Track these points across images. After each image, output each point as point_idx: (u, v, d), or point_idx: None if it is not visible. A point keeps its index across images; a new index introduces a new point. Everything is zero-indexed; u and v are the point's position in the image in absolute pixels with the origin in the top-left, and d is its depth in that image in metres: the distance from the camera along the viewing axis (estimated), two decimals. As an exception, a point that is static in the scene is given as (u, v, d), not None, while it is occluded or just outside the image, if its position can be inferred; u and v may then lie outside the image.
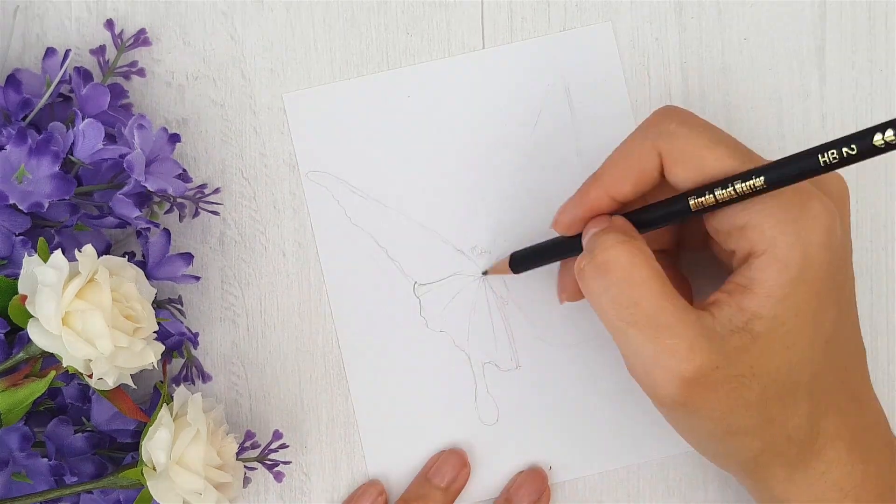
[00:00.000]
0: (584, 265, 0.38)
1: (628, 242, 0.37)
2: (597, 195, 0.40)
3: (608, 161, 0.40)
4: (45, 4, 0.47)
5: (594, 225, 0.40)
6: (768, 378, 0.37)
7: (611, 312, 0.37)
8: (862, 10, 0.48)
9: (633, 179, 0.39)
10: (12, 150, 0.39)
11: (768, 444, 0.38)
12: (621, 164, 0.39)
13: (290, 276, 0.47)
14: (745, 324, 0.37)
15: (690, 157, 0.38)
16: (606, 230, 0.38)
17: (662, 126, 0.39)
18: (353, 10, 0.47)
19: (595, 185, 0.40)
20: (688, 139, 0.38)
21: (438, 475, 0.45)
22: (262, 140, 0.47)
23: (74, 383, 0.42)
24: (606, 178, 0.40)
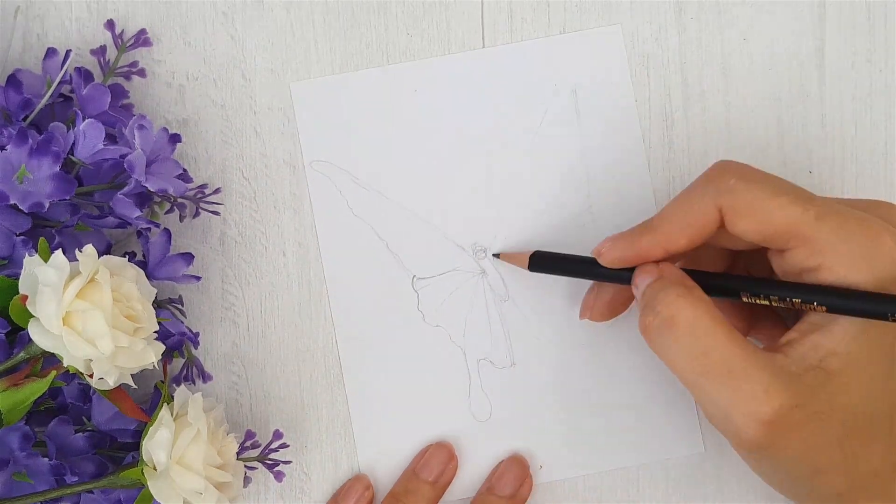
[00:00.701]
0: (650, 322, 0.38)
1: (689, 295, 0.38)
2: (649, 245, 0.40)
3: (665, 213, 0.40)
4: (46, 5, 0.47)
5: (646, 273, 0.40)
6: (847, 413, 0.37)
7: (682, 365, 0.38)
8: (862, 11, 0.48)
9: (690, 234, 0.39)
10: (13, 150, 0.39)
11: (854, 480, 0.38)
12: (679, 219, 0.40)
13: (290, 276, 0.47)
14: (819, 361, 0.37)
15: (754, 210, 0.38)
16: (664, 283, 0.39)
17: (722, 182, 0.39)
18: (354, 10, 0.47)
19: (649, 235, 0.40)
20: (749, 192, 0.38)
21: (426, 469, 0.46)
22: (262, 140, 0.47)
23: (75, 383, 0.42)
24: (662, 230, 0.40)
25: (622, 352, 0.47)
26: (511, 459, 0.46)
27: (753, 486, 0.47)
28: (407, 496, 0.45)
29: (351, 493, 0.46)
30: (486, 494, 0.46)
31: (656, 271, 0.40)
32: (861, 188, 0.48)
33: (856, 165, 0.48)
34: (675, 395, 0.47)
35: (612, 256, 0.41)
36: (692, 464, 0.47)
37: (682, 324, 0.37)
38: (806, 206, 0.37)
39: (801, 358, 0.37)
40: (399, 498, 0.45)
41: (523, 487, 0.46)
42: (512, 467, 0.46)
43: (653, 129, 0.47)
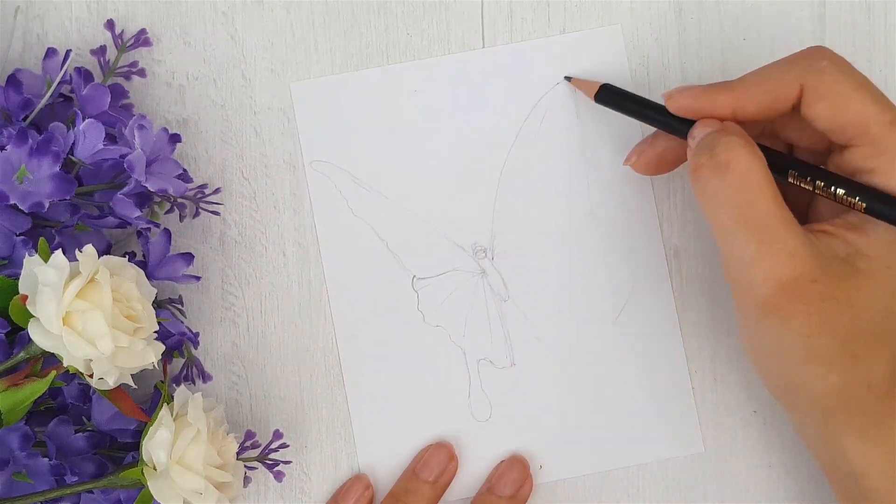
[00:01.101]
0: (704, 162, 0.39)
1: (750, 146, 0.38)
2: (723, 102, 0.40)
3: (747, 77, 0.40)
4: (46, 5, 0.47)
5: (708, 125, 0.40)
6: (862, 313, 0.37)
7: (723, 210, 0.38)
8: (862, 10, 0.48)
9: (766, 101, 0.40)
10: (13, 150, 0.39)
11: (847, 383, 0.38)
12: (760, 85, 0.40)
13: (290, 277, 0.47)
14: (847, 255, 0.38)
15: (836, 96, 0.39)
16: (727, 132, 0.39)
17: (812, 61, 0.39)
18: (354, 10, 0.47)
19: (725, 93, 0.40)
20: (835, 78, 0.39)
21: (426, 469, 0.46)
22: (262, 140, 0.47)
23: (75, 383, 0.42)
24: (740, 91, 0.40)
25: (622, 351, 0.47)
26: (511, 460, 0.46)
27: (753, 485, 0.47)
28: (407, 496, 0.45)
29: (351, 493, 0.46)
30: (486, 494, 0.46)
31: (719, 124, 0.40)
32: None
33: (856, 165, 0.48)
34: (676, 395, 0.47)
35: (681, 103, 0.41)
36: (692, 464, 0.47)
37: (736, 169, 0.38)
38: (885, 108, 0.38)
39: (832, 247, 0.38)
40: (399, 498, 0.45)
41: (524, 488, 0.46)
42: (512, 467, 0.46)
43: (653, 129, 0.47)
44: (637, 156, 0.44)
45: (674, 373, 0.47)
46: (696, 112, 0.41)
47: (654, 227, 0.47)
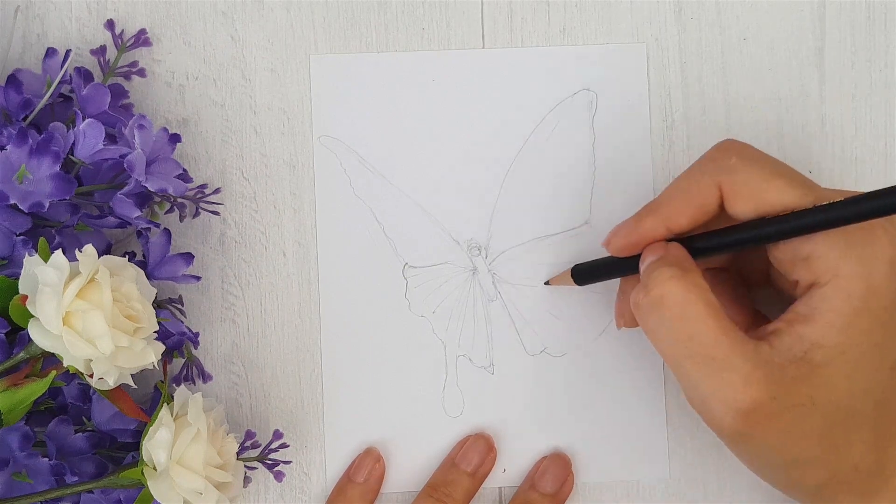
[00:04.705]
0: (640, 300, 0.38)
1: (682, 277, 0.37)
2: (653, 225, 0.40)
3: (666, 193, 0.40)
4: (46, 5, 0.47)
5: (651, 252, 0.40)
6: (830, 407, 0.37)
7: (667, 346, 0.38)
8: (862, 11, 0.48)
9: (691, 213, 0.39)
10: (13, 150, 0.39)
11: (834, 473, 0.38)
12: (680, 198, 0.39)
13: (290, 277, 0.47)
14: (804, 353, 0.37)
15: (751, 191, 0.38)
16: (661, 262, 0.38)
17: (722, 161, 0.39)
18: (353, 10, 0.47)
19: (651, 216, 0.40)
20: (748, 173, 0.38)
21: (465, 460, 0.46)
22: (262, 140, 0.47)
23: (75, 383, 0.42)
24: (664, 209, 0.40)
25: (601, 367, 0.47)
26: (553, 456, 0.46)
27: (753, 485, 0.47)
28: (446, 486, 0.45)
29: (362, 467, 0.46)
30: (528, 491, 0.46)
31: (661, 249, 0.40)
32: (861, 188, 0.48)
33: (856, 165, 0.48)
34: (648, 417, 0.47)
35: (619, 244, 0.41)
36: (656, 488, 0.47)
37: (671, 305, 0.37)
38: (805, 191, 0.37)
39: (786, 349, 0.37)
40: (438, 488, 0.45)
41: (565, 485, 0.46)
42: (554, 464, 0.46)
43: (653, 129, 0.47)
44: (620, 316, 0.44)
45: (649, 396, 0.47)
46: (637, 245, 0.40)
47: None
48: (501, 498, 0.47)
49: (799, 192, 0.37)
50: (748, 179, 0.38)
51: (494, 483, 0.47)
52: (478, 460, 0.46)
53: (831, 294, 0.37)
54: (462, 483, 0.45)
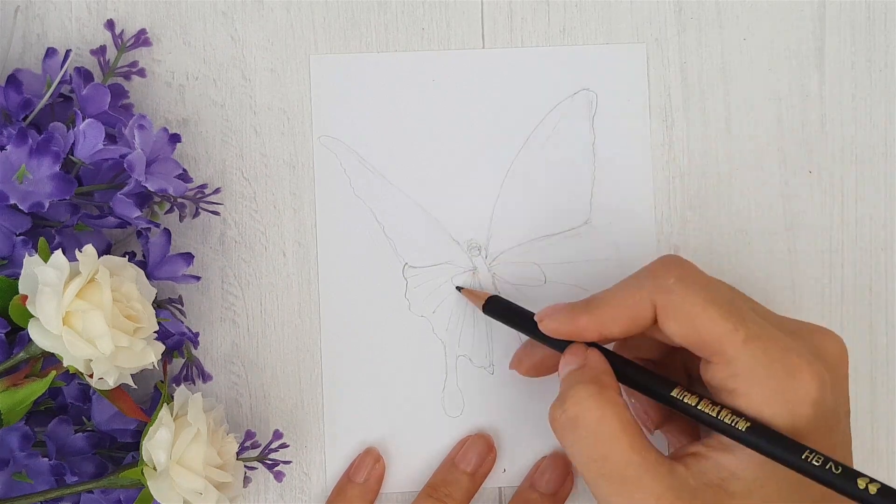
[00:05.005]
0: (557, 416, 0.38)
1: (597, 396, 0.38)
2: (586, 325, 0.40)
3: (604, 296, 0.40)
4: (46, 5, 0.47)
5: (572, 358, 0.40)
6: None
7: (581, 464, 0.38)
8: (862, 11, 0.48)
9: (625, 323, 0.39)
10: (13, 150, 0.39)
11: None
12: (616, 306, 0.39)
13: (290, 277, 0.47)
14: (721, 481, 0.37)
15: (684, 316, 0.38)
16: (580, 376, 0.39)
17: (660, 279, 0.39)
18: (353, 10, 0.47)
19: (586, 316, 0.40)
20: (683, 297, 0.38)
21: (465, 461, 0.46)
22: (262, 140, 0.47)
23: (75, 383, 0.42)
24: (599, 314, 0.40)
25: None
26: (553, 456, 0.46)
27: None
28: (445, 486, 0.45)
29: (362, 467, 0.46)
30: (527, 491, 0.46)
31: (582, 358, 0.40)
32: (861, 188, 0.48)
33: (856, 165, 0.48)
34: None
35: (551, 327, 0.41)
36: None
37: (585, 425, 0.37)
38: (737, 325, 0.37)
39: (703, 473, 0.37)
40: (437, 488, 0.45)
41: (565, 485, 0.46)
42: (554, 464, 0.46)
43: (653, 129, 0.47)
44: (518, 362, 0.44)
45: None
46: (567, 335, 0.41)
47: (650, 242, 0.47)
48: (501, 498, 0.47)
49: (730, 326, 0.37)
50: (682, 304, 0.38)
51: (494, 483, 0.47)
52: (477, 460, 0.46)
53: None
54: (462, 483, 0.45)
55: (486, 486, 0.47)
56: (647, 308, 0.39)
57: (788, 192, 0.48)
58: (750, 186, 0.48)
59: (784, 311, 0.47)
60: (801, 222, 0.48)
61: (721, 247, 0.48)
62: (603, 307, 0.40)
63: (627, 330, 0.39)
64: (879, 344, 0.48)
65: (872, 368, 0.48)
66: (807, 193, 0.48)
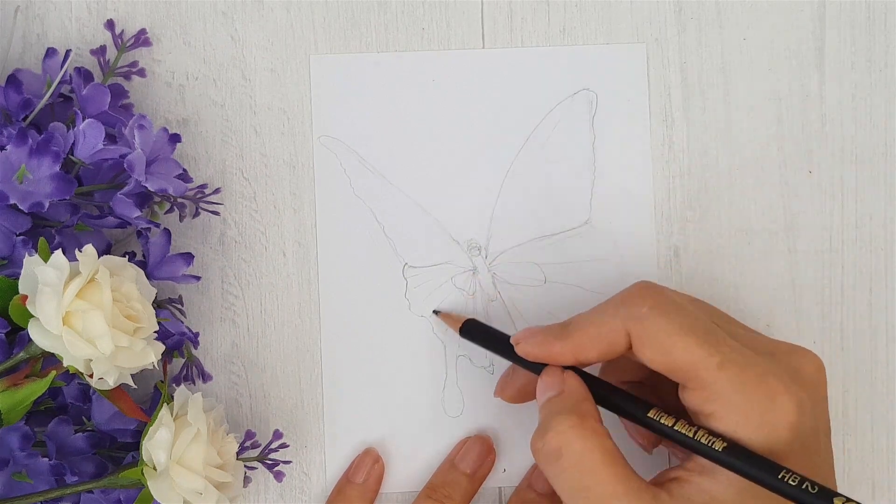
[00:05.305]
0: (539, 448, 0.38)
1: (579, 426, 0.38)
2: (561, 351, 0.40)
3: (578, 322, 0.40)
4: (46, 5, 0.47)
5: (549, 384, 0.40)
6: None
7: (564, 493, 0.38)
8: (862, 10, 0.48)
9: (599, 350, 0.39)
10: (13, 150, 0.39)
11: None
12: (590, 332, 0.40)
13: (290, 277, 0.47)
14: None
15: (658, 344, 0.38)
16: (560, 405, 0.39)
17: (634, 307, 0.39)
18: (353, 10, 0.47)
19: (561, 342, 0.40)
20: (657, 325, 0.38)
21: (464, 462, 0.46)
22: (262, 140, 0.47)
23: (75, 383, 0.42)
24: (574, 339, 0.40)
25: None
26: None
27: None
28: (445, 487, 0.45)
29: (361, 468, 0.46)
30: (526, 490, 0.46)
31: (560, 383, 0.40)
32: (861, 188, 0.48)
33: (856, 165, 0.48)
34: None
35: (527, 350, 0.41)
36: None
37: (567, 457, 0.37)
38: (711, 351, 0.37)
39: (685, 498, 0.37)
40: (437, 489, 0.45)
41: None
42: None
43: (653, 129, 0.47)
44: (501, 389, 0.44)
45: None
46: (542, 359, 0.41)
47: (650, 242, 0.47)
48: (501, 498, 0.47)
49: (704, 353, 0.37)
50: (657, 333, 0.38)
51: (494, 483, 0.47)
52: (477, 462, 0.46)
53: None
54: (461, 484, 0.45)
55: (485, 485, 0.47)
56: (621, 336, 0.39)
57: (788, 192, 0.48)
58: (750, 186, 0.48)
59: (784, 311, 0.47)
60: (801, 222, 0.48)
61: (721, 247, 0.48)
62: (577, 334, 0.40)
63: (602, 356, 0.39)
64: (879, 344, 0.48)
65: (872, 368, 0.48)
66: (807, 193, 0.48)
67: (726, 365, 0.37)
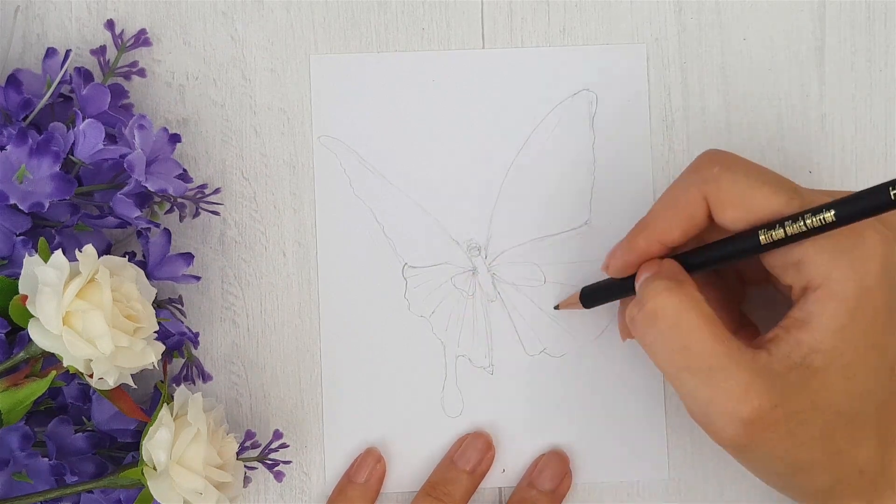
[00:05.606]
0: (635, 314, 0.38)
1: (675, 289, 0.38)
2: (646, 242, 0.40)
3: (655, 209, 0.40)
4: (46, 4, 0.47)
5: (645, 269, 0.40)
6: (831, 411, 0.37)
7: (663, 359, 0.38)
8: (861, 11, 0.48)
9: (681, 226, 0.39)
10: (13, 150, 0.39)
11: (839, 477, 0.38)
12: (668, 212, 0.40)
13: (290, 277, 0.47)
14: (802, 358, 0.37)
15: (738, 200, 0.38)
16: (654, 277, 0.39)
17: (705, 172, 0.39)
18: (353, 10, 0.47)
19: (644, 233, 0.40)
20: (733, 182, 0.38)
21: (463, 459, 0.46)
22: (262, 140, 0.47)
23: (75, 383, 0.42)
24: (654, 225, 0.40)
25: (600, 370, 0.47)
26: (551, 454, 0.46)
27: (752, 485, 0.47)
28: (445, 485, 0.45)
29: (363, 467, 0.46)
30: (526, 489, 0.46)
31: (655, 266, 0.40)
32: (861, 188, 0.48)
33: (856, 165, 0.48)
34: (647, 418, 0.47)
35: (616, 265, 0.41)
36: (656, 489, 0.47)
37: (665, 317, 0.37)
38: (791, 196, 0.37)
39: (785, 356, 0.37)
40: (436, 487, 0.45)
41: (563, 483, 0.46)
42: (552, 462, 0.46)
43: (653, 129, 0.47)
44: (624, 331, 0.44)
45: (649, 397, 0.47)
46: (633, 264, 0.41)
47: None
48: (501, 498, 0.47)
49: (784, 198, 0.37)
50: (732, 189, 0.38)
51: (494, 483, 0.47)
52: (476, 459, 0.46)
53: (824, 298, 0.37)
54: (461, 482, 0.45)
55: (485, 486, 0.47)
56: (699, 204, 0.39)
57: (788, 192, 0.48)
58: (750, 186, 0.48)
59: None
60: (801, 222, 0.48)
61: (721, 247, 0.48)
62: (656, 219, 0.40)
63: (686, 233, 0.39)
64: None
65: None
66: (807, 193, 0.48)
67: (807, 206, 0.37)
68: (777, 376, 0.37)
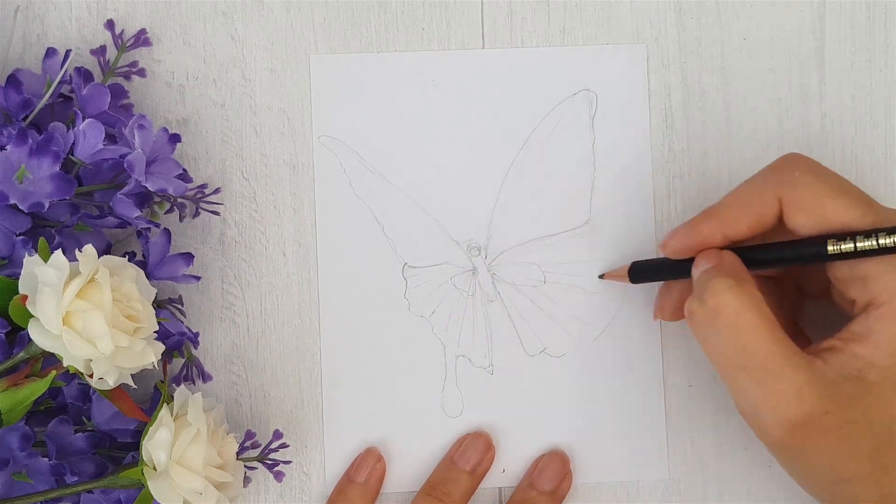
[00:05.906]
0: (695, 309, 0.38)
1: (738, 287, 0.38)
2: (710, 231, 0.40)
3: (727, 199, 0.40)
4: (46, 4, 0.47)
5: (705, 259, 0.40)
6: (882, 427, 0.37)
7: (720, 356, 0.38)
8: (862, 11, 0.48)
9: (750, 222, 0.39)
10: (13, 150, 0.39)
11: (885, 494, 0.38)
12: (740, 206, 0.40)
13: (290, 277, 0.47)
14: (858, 371, 0.37)
15: (812, 206, 0.38)
16: (716, 271, 0.39)
17: (785, 173, 0.39)
18: (353, 10, 0.47)
19: (710, 221, 0.40)
20: (811, 188, 0.38)
21: (463, 459, 0.46)
22: (262, 140, 0.47)
23: (75, 383, 0.42)
24: (723, 216, 0.40)
25: (600, 370, 0.47)
26: (551, 454, 0.46)
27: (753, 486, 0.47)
28: (445, 485, 0.45)
29: (363, 466, 0.46)
30: (526, 489, 0.46)
31: (715, 257, 0.40)
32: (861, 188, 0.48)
33: (856, 165, 0.48)
34: (647, 419, 0.47)
35: (675, 246, 0.41)
36: (656, 489, 0.47)
37: (725, 316, 0.37)
38: (865, 210, 0.38)
39: (841, 366, 0.37)
40: (436, 486, 0.45)
41: (563, 483, 0.46)
42: (552, 462, 0.46)
43: (653, 129, 0.47)
44: (660, 311, 0.44)
45: (649, 397, 0.47)
46: (692, 248, 0.41)
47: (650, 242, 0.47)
48: (501, 498, 0.47)
49: (859, 212, 0.37)
50: (809, 195, 0.38)
51: (494, 483, 0.47)
52: (476, 459, 0.46)
53: (887, 316, 0.37)
54: (461, 481, 0.45)
55: (485, 486, 0.47)
56: (772, 204, 0.39)
57: (788, 192, 0.48)
58: (750, 186, 0.48)
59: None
60: (801, 222, 0.48)
61: (721, 247, 0.48)
62: (727, 209, 0.40)
63: (753, 229, 0.39)
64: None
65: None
66: (807, 193, 0.48)
67: (881, 224, 0.37)
68: (830, 384, 0.37)
